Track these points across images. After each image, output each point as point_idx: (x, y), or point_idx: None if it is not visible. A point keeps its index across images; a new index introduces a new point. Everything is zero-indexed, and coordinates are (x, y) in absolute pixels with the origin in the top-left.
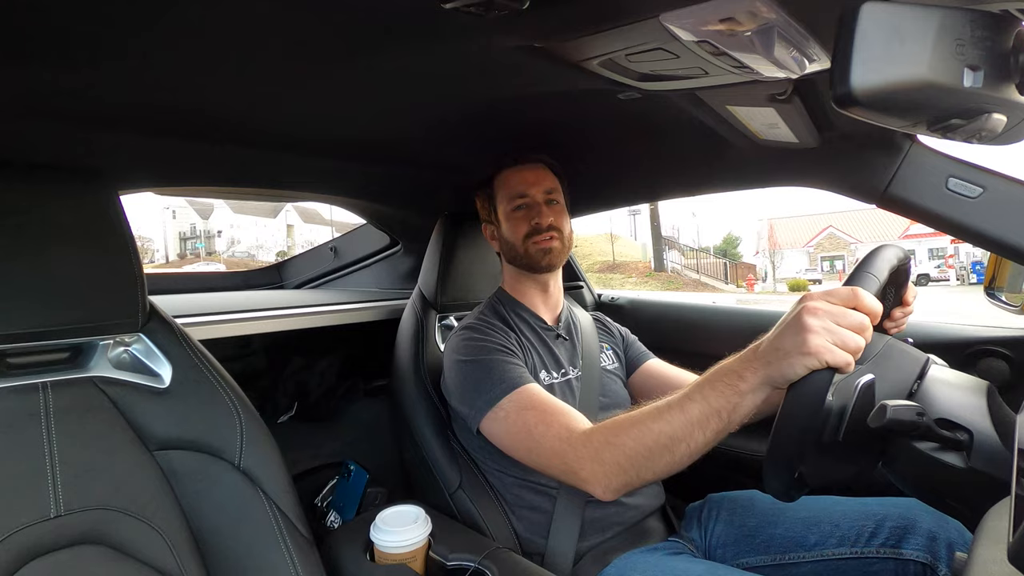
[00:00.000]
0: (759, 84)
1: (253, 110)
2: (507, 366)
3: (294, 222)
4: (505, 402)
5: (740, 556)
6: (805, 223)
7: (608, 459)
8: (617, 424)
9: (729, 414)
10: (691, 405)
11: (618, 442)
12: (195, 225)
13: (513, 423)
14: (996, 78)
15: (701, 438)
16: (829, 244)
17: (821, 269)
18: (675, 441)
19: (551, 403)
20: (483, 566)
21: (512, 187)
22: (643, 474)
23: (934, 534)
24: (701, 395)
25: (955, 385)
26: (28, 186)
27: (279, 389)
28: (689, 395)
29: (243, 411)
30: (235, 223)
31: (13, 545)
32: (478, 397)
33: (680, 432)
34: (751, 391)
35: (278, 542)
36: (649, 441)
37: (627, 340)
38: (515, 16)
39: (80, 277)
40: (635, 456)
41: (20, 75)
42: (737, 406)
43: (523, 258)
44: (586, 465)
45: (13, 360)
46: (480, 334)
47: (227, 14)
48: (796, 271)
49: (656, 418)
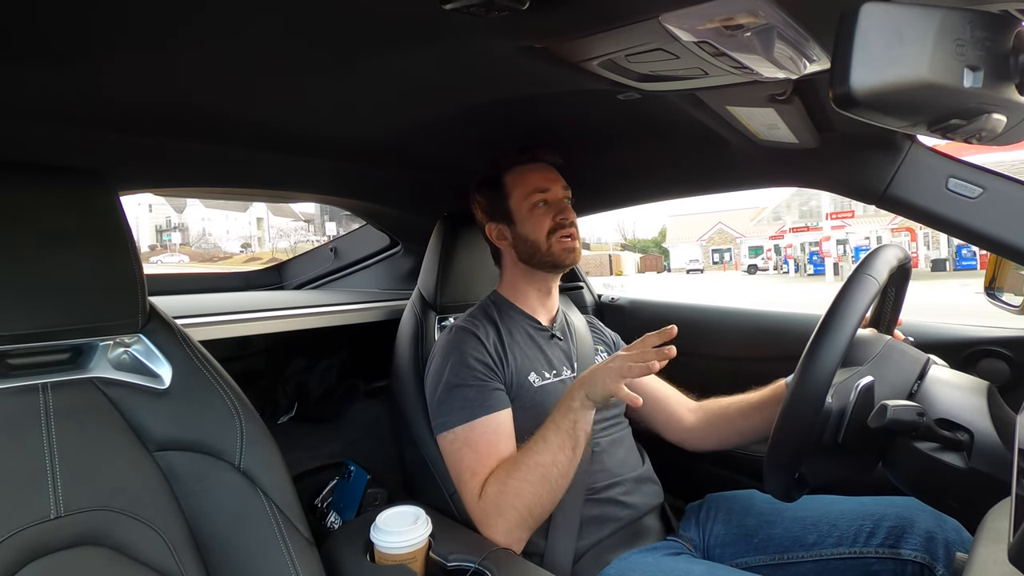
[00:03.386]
0: (759, 84)
1: (253, 111)
2: (473, 391)
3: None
4: (459, 430)
5: (739, 556)
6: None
7: (505, 507)
8: (505, 469)
9: (574, 430)
10: (548, 433)
11: (510, 486)
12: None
13: (453, 454)
14: (996, 78)
15: (563, 458)
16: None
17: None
18: (547, 468)
19: (491, 446)
20: (483, 567)
21: (532, 183)
22: (535, 510)
23: (932, 534)
24: (552, 423)
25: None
26: (28, 186)
27: (279, 390)
28: (544, 426)
29: (243, 412)
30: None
31: (13, 546)
32: (440, 415)
33: (548, 458)
34: (580, 407)
35: (278, 543)
36: (532, 476)
37: (618, 345)
38: (515, 17)
39: (80, 278)
40: (524, 494)
41: (19, 75)
42: (576, 423)
43: (546, 255)
44: (492, 521)
45: (13, 361)
46: (462, 346)
47: (227, 15)
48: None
49: (531, 453)
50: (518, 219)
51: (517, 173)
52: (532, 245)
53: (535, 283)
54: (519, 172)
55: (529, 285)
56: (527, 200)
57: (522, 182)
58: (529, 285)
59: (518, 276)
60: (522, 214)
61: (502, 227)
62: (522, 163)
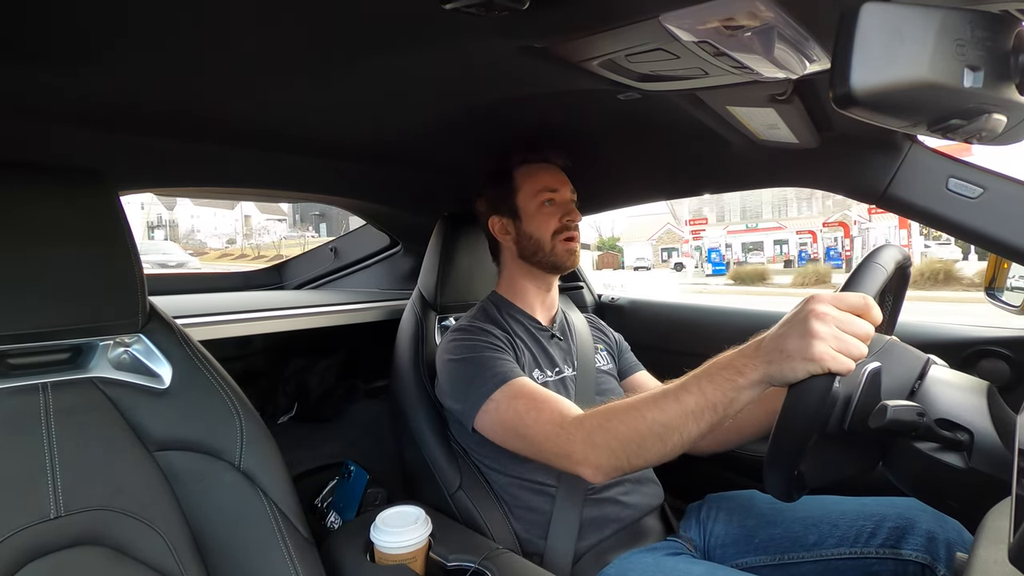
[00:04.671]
0: (759, 84)
1: (253, 111)
2: (497, 362)
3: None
4: (497, 394)
5: (739, 556)
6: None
7: (600, 442)
8: (611, 410)
9: (725, 408)
10: (687, 396)
11: (610, 426)
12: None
13: (504, 412)
14: (996, 78)
15: (695, 429)
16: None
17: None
18: (668, 430)
19: (541, 392)
20: (483, 567)
21: (542, 181)
22: (634, 460)
23: (933, 534)
24: (698, 387)
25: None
26: (28, 186)
27: (279, 389)
28: (686, 386)
29: (243, 411)
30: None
31: (13, 546)
32: (471, 393)
33: (674, 421)
34: (749, 386)
35: (278, 543)
36: (643, 428)
37: (621, 346)
38: (515, 17)
39: (80, 277)
40: (627, 441)
41: (19, 75)
42: (734, 400)
43: (548, 255)
44: (578, 448)
45: (13, 361)
46: (470, 335)
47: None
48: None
49: (651, 406)
50: (524, 216)
51: (528, 170)
52: (536, 243)
53: (534, 280)
54: (530, 170)
55: (528, 282)
56: (536, 198)
57: (532, 179)
58: (528, 282)
59: (517, 273)
60: (529, 211)
61: (506, 221)
62: (532, 161)
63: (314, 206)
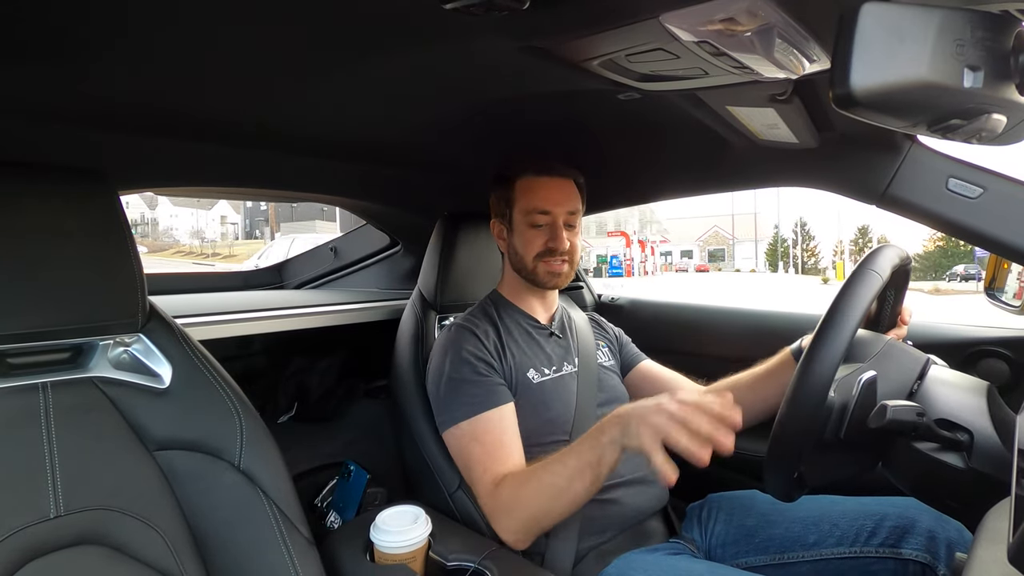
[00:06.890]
0: (759, 84)
1: (253, 110)
2: (476, 387)
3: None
4: (465, 425)
5: (740, 556)
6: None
7: (514, 513)
8: (522, 477)
9: (597, 465)
10: (570, 458)
11: (521, 495)
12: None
13: (464, 448)
14: (996, 78)
15: (580, 486)
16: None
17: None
18: (560, 491)
19: (499, 441)
20: (483, 567)
21: (535, 199)
22: (543, 522)
23: (933, 534)
24: (578, 449)
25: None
26: (28, 186)
27: (279, 389)
28: (571, 448)
29: (243, 411)
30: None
31: (13, 545)
32: (445, 411)
33: (563, 482)
34: (609, 444)
35: (278, 542)
36: (543, 492)
37: (621, 340)
38: (515, 16)
39: (80, 277)
40: (534, 508)
41: (20, 75)
42: (601, 457)
43: (530, 274)
44: (501, 518)
45: (13, 360)
46: (463, 343)
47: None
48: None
49: (548, 470)
50: (515, 229)
51: (527, 184)
52: (519, 259)
53: (528, 286)
54: (529, 184)
55: (526, 288)
56: (526, 217)
57: (528, 196)
58: (526, 288)
59: (515, 278)
60: (519, 227)
61: (503, 227)
62: (535, 172)
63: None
